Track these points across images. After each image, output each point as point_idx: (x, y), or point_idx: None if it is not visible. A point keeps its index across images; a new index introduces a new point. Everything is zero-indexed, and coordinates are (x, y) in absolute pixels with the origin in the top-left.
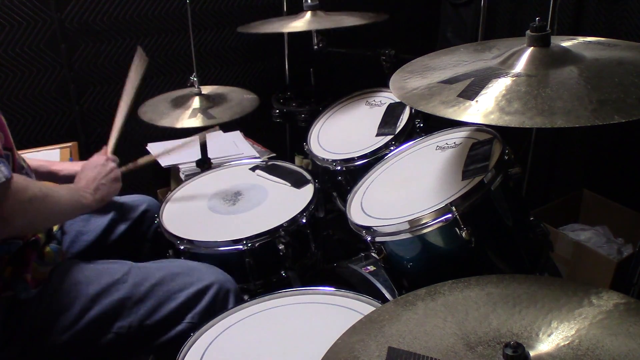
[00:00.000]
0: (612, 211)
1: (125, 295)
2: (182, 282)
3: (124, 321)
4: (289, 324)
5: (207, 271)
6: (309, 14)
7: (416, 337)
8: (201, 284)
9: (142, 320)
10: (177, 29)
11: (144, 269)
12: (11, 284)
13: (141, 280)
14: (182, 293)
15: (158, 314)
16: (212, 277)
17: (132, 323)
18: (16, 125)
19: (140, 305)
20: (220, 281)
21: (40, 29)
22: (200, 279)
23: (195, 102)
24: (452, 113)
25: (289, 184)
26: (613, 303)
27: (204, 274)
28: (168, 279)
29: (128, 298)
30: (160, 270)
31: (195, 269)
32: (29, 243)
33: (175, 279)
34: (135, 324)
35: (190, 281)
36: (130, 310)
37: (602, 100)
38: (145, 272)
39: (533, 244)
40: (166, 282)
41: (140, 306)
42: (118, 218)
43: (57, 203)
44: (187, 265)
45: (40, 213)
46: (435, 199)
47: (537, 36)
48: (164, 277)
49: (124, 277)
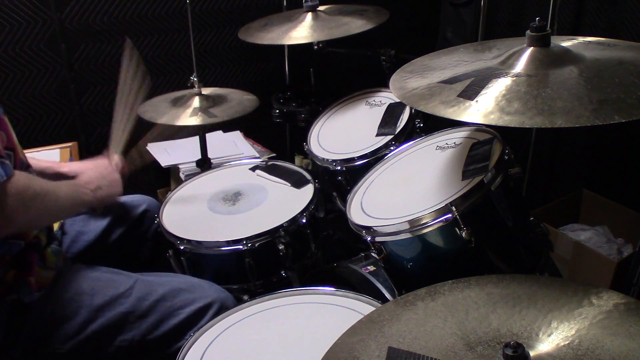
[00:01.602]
0: (612, 211)
1: (128, 309)
2: (185, 298)
3: (126, 335)
4: (289, 324)
5: (209, 288)
6: (310, 17)
7: (416, 337)
8: (203, 302)
9: (144, 335)
10: (177, 29)
11: (148, 283)
12: (15, 287)
13: (145, 295)
14: (184, 310)
15: (160, 330)
16: (214, 294)
17: (134, 337)
18: (16, 125)
19: (143, 320)
20: (221, 299)
21: (40, 29)
22: (203, 296)
23: (195, 101)
24: (452, 113)
25: (289, 184)
26: (613, 303)
27: (206, 291)
28: (171, 295)
29: (131, 312)
30: (164, 285)
31: (198, 285)
32: (30, 245)
33: (178, 295)
34: (137, 338)
35: (193, 298)
36: (132, 325)
37: (602, 100)
38: (149, 287)
39: (533, 244)
40: (169, 298)
41: (143, 321)
42: (118, 218)
43: (58, 200)
44: (190, 281)
45: (41, 210)
46: (435, 199)
47: (537, 36)
48: (168, 292)
49: (128, 290)
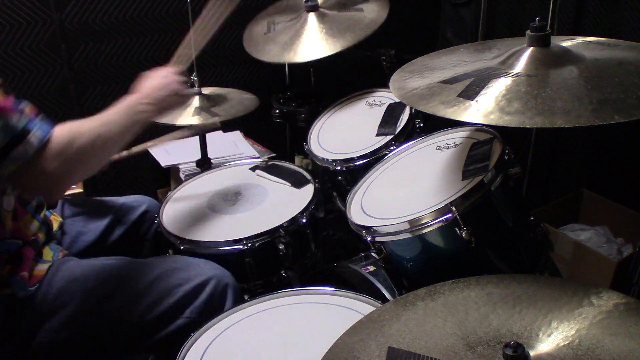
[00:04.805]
0: (612, 211)
1: (123, 291)
2: (181, 277)
3: (123, 317)
4: (289, 324)
5: (204, 266)
6: (314, 20)
7: (416, 337)
8: (199, 279)
9: (142, 315)
10: (177, 29)
11: (142, 264)
12: (8, 281)
13: (140, 276)
14: (180, 288)
15: (157, 309)
16: (210, 272)
17: (132, 319)
18: None
19: (140, 300)
20: (218, 276)
21: (40, 29)
22: (199, 273)
23: (195, 101)
24: (452, 113)
25: (289, 184)
26: (613, 303)
27: (202, 268)
28: (166, 274)
29: (126, 294)
30: (158, 266)
31: (192, 264)
32: (29, 242)
33: (173, 274)
34: (135, 320)
35: (189, 276)
36: (129, 307)
37: (602, 100)
38: (143, 269)
39: (533, 244)
40: (164, 278)
41: (139, 301)
42: (118, 218)
43: (111, 136)
44: (184, 260)
45: (93, 157)
46: (435, 199)
47: (537, 36)
48: (162, 272)
49: (122, 273)
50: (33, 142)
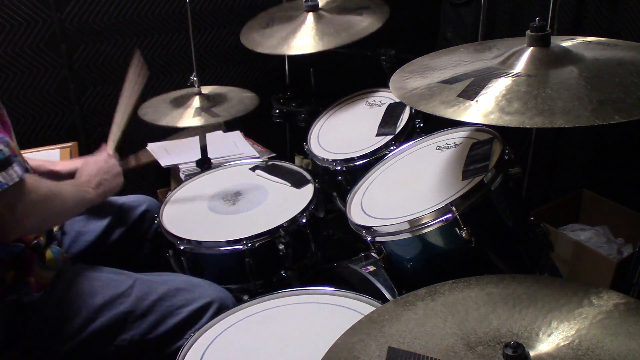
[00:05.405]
0: (612, 211)
1: (128, 308)
2: (185, 298)
3: (126, 334)
4: (289, 324)
5: (209, 288)
6: (312, 19)
7: (416, 337)
8: (203, 301)
9: (144, 334)
10: (177, 29)
11: (148, 283)
12: (14, 287)
13: (144, 294)
14: (184, 309)
15: (160, 329)
16: (214, 294)
17: (134, 337)
18: (16, 125)
19: (143, 319)
20: (221, 299)
21: (40, 29)
22: (202, 295)
23: (195, 101)
24: (452, 113)
25: (289, 184)
26: (613, 303)
27: (206, 290)
28: (171, 294)
29: (131, 312)
30: (163, 285)
31: (197, 285)
32: (30, 246)
33: (178, 294)
34: (137, 337)
35: (193, 297)
36: (132, 324)
37: (602, 100)
38: (148, 286)
39: (533, 244)
40: (169, 298)
41: (142, 320)
42: (118, 218)
43: (65, 201)
44: (189, 281)
45: (50, 212)
46: (435, 199)
47: (537, 36)
48: (167, 292)
49: (128, 290)
50: (12, 174)
